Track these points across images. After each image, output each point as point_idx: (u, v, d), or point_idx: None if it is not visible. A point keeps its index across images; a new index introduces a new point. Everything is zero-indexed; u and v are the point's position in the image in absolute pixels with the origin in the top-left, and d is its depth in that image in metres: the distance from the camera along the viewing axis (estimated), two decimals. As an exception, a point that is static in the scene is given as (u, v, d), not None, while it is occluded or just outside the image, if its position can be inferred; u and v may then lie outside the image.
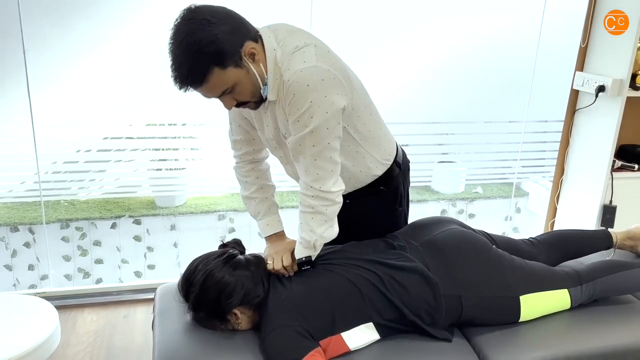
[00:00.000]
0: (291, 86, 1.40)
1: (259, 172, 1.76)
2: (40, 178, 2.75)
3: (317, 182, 1.50)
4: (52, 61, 2.64)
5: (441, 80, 3.31)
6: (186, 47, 1.32)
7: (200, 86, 1.38)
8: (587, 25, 2.86)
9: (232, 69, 1.37)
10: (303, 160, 1.49)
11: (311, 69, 1.40)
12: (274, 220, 1.74)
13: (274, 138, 1.60)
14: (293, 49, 1.43)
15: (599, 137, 2.85)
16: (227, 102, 1.45)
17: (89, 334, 2.51)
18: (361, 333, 1.54)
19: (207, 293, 1.51)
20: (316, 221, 1.55)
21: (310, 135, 1.44)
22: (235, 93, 1.43)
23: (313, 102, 1.40)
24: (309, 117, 1.42)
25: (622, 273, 1.76)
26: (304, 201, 1.54)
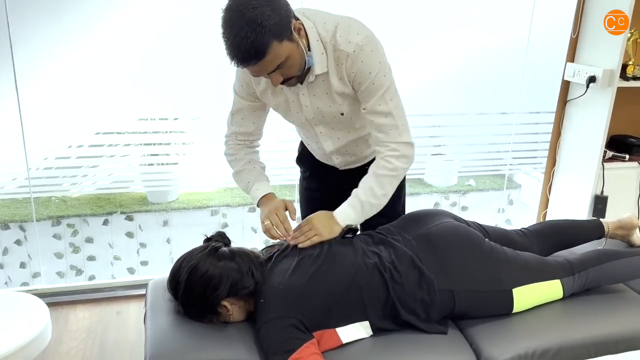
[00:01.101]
0: (358, 55, 1.52)
1: (249, 149, 1.82)
2: (31, 174, 2.73)
3: (404, 133, 1.63)
4: (40, 55, 2.61)
5: (433, 73, 3.31)
6: (248, 21, 1.35)
7: (260, 60, 1.40)
8: (578, 16, 2.86)
9: (286, 43, 1.43)
10: (385, 118, 1.60)
11: (367, 37, 1.53)
12: (264, 185, 1.78)
13: (314, 116, 1.67)
14: (335, 26, 1.53)
15: (590, 127, 2.86)
16: (276, 77, 1.48)
17: (82, 331, 2.50)
18: (355, 330, 1.54)
19: (193, 288, 1.51)
20: (393, 184, 1.66)
21: (388, 90, 1.58)
22: (285, 67, 1.46)
23: (381, 63, 1.55)
24: (382, 76, 1.56)
25: (614, 262, 1.77)
26: (389, 163, 1.63)
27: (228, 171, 1.86)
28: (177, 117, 3.00)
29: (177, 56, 2.77)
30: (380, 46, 1.58)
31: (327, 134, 1.75)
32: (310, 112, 1.67)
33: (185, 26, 2.71)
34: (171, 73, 2.81)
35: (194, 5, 2.68)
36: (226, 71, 2.63)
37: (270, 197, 1.75)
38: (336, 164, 1.86)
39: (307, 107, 1.66)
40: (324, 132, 1.74)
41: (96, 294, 2.79)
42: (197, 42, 2.74)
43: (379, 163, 1.65)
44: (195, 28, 2.71)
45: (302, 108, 1.67)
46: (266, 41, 1.38)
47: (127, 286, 2.86)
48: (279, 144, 2.83)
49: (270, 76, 1.47)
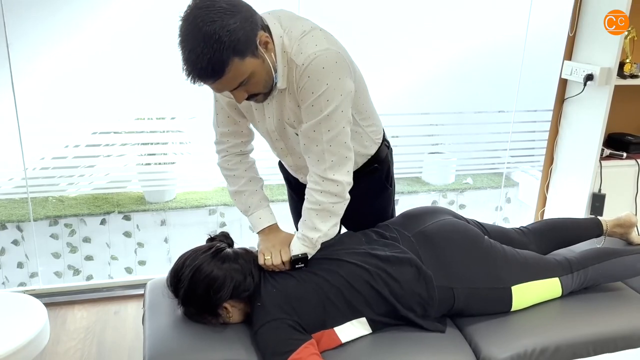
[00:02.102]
0: (306, 69, 1.38)
1: (246, 164, 1.70)
2: (28, 174, 2.72)
3: (330, 170, 1.47)
4: (37, 55, 2.60)
5: (431, 72, 3.31)
6: (204, 37, 1.24)
7: (218, 79, 1.30)
8: (575, 14, 2.86)
9: (249, 59, 1.32)
10: (316, 148, 1.46)
11: (325, 52, 1.38)
12: (266, 212, 1.67)
13: (276, 129, 1.56)
14: (300, 34, 1.40)
15: (587, 125, 2.86)
16: (239, 95, 1.38)
17: (80, 331, 2.49)
18: (354, 327, 1.54)
19: (196, 288, 1.50)
20: (321, 217, 1.52)
21: (326, 119, 1.42)
22: (250, 84, 1.36)
23: (329, 84, 1.39)
24: (324, 100, 1.40)
25: (613, 260, 1.77)
26: (311, 197, 1.51)
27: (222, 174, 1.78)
28: (174, 117, 2.99)
29: (174, 55, 2.76)
30: (341, 67, 1.40)
31: (288, 150, 1.65)
32: (272, 124, 1.55)
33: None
34: (168, 72, 2.80)
35: (191, 4, 2.68)
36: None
37: (273, 229, 1.65)
38: (304, 181, 1.71)
39: (269, 118, 1.55)
40: (285, 148, 1.64)
41: (94, 293, 2.79)
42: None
43: (306, 194, 1.54)
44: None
45: (265, 118, 1.56)
46: (225, 58, 1.27)
47: (124, 286, 2.85)
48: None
49: (233, 93, 1.37)
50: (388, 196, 1.85)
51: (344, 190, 1.52)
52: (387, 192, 1.84)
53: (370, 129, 1.67)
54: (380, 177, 1.78)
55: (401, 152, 3.30)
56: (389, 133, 1.86)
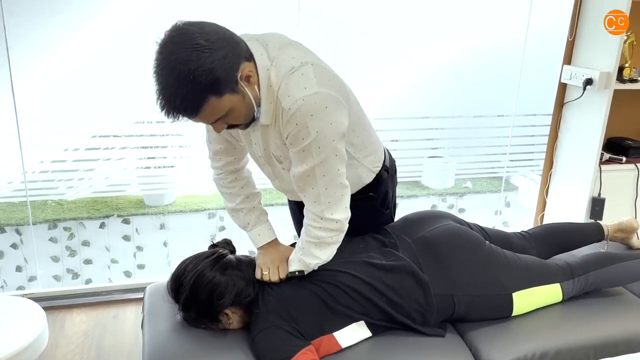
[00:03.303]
0: (293, 116, 1.31)
1: (242, 180, 1.67)
2: (27, 178, 2.72)
3: (327, 210, 1.45)
4: (36, 58, 2.60)
5: (430, 75, 3.31)
6: (179, 76, 1.18)
7: (194, 116, 1.26)
8: (575, 18, 2.87)
9: (227, 96, 1.26)
10: (312, 190, 1.43)
11: (313, 96, 1.30)
12: (265, 228, 1.66)
13: (262, 156, 1.54)
14: (289, 71, 1.32)
15: (587, 130, 2.86)
16: (218, 127, 1.34)
17: (78, 335, 2.48)
18: (353, 332, 1.54)
19: (198, 294, 1.50)
20: (320, 248, 1.51)
21: (320, 165, 1.38)
22: (229, 118, 1.32)
23: (319, 132, 1.32)
24: (316, 147, 1.34)
25: (614, 266, 1.77)
26: (310, 232, 1.49)
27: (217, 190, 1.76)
28: (174, 120, 2.99)
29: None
30: (331, 110, 1.33)
31: (275, 176, 1.62)
32: (260, 149, 1.51)
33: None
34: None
35: (191, 6, 2.68)
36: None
37: (273, 244, 1.64)
38: (292, 199, 1.73)
39: (256, 144, 1.51)
40: (272, 173, 1.61)
41: (93, 297, 2.78)
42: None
43: (304, 228, 1.52)
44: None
45: (252, 144, 1.52)
46: (200, 98, 1.22)
47: (123, 290, 2.84)
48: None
49: (212, 125, 1.33)
50: (385, 218, 1.79)
51: (343, 225, 1.50)
52: (383, 215, 1.77)
53: (367, 160, 1.61)
54: (376, 204, 1.72)
55: (401, 155, 3.30)
56: (388, 137, 1.82)
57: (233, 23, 1.38)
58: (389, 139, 3.24)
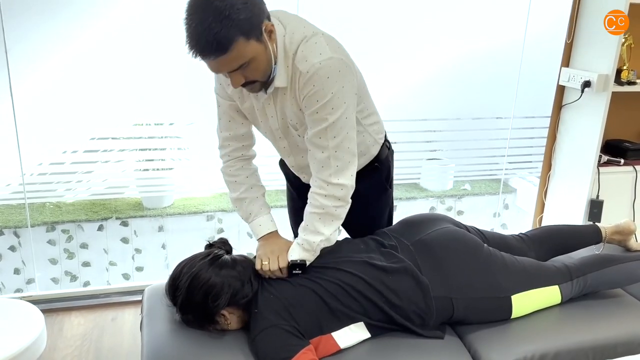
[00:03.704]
0: (311, 78, 1.39)
1: (248, 171, 1.71)
2: (25, 180, 2.71)
3: (334, 175, 1.49)
4: (35, 60, 2.60)
5: (429, 78, 3.32)
6: (215, 11, 1.24)
7: (221, 56, 1.29)
8: (573, 21, 2.88)
9: (253, 42, 1.32)
10: (321, 154, 1.48)
11: (328, 61, 1.39)
12: (267, 220, 1.68)
13: (279, 128, 1.58)
14: (302, 39, 1.41)
15: (585, 132, 2.87)
16: (236, 78, 1.37)
17: (77, 338, 2.47)
18: (351, 332, 1.54)
19: (194, 296, 1.49)
20: (324, 221, 1.53)
21: (332, 126, 1.44)
22: (248, 69, 1.36)
23: (334, 94, 1.41)
24: (330, 108, 1.42)
25: (612, 267, 1.77)
26: (315, 201, 1.52)
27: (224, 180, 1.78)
28: (173, 122, 2.99)
29: (172, 61, 2.76)
30: (344, 74, 1.42)
31: (290, 150, 1.65)
32: (276, 122, 1.56)
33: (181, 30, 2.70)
34: (166, 78, 2.80)
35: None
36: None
37: (273, 236, 1.66)
38: (306, 180, 1.74)
39: (272, 117, 1.55)
40: (287, 147, 1.65)
41: (91, 300, 2.77)
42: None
43: (309, 198, 1.55)
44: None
45: (268, 118, 1.56)
46: (231, 36, 1.27)
47: (122, 292, 2.84)
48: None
49: (231, 75, 1.36)
50: (387, 198, 1.86)
51: (348, 194, 1.53)
52: (387, 193, 1.84)
53: (372, 128, 1.68)
54: (380, 178, 1.79)
55: (399, 158, 3.27)
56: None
57: None
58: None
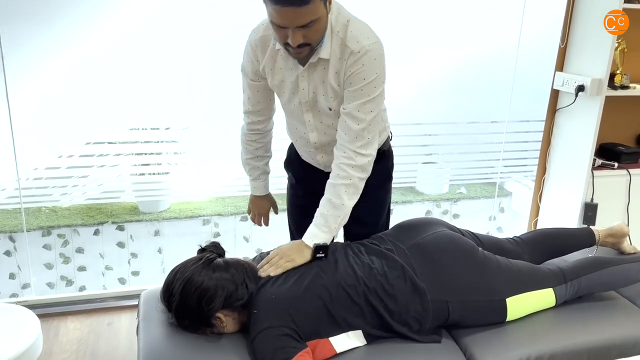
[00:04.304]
0: (361, 58, 1.54)
1: (259, 143, 1.93)
2: (21, 185, 2.71)
3: (364, 147, 1.63)
4: (31, 65, 2.60)
5: (424, 82, 3.33)
6: None
7: (302, 6, 1.40)
8: (566, 25, 2.90)
9: (322, 5, 1.45)
10: (357, 126, 1.60)
11: (376, 44, 1.56)
12: (260, 185, 2.02)
13: (308, 101, 1.68)
14: (347, 21, 1.56)
15: (579, 136, 2.89)
16: (298, 36, 1.47)
17: (72, 342, 2.47)
18: (349, 339, 1.55)
19: (188, 300, 1.50)
20: (348, 193, 1.64)
21: (371, 101, 1.59)
22: (312, 30, 1.47)
23: (378, 74, 1.57)
24: (373, 87, 1.58)
25: (606, 270, 1.78)
26: (342, 171, 1.62)
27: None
28: (169, 127, 2.99)
29: (168, 65, 2.76)
30: (384, 59, 1.60)
31: (315, 125, 1.75)
32: (306, 95, 1.67)
33: (177, 35, 2.71)
34: (162, 82, 2.80)
35: (186, 14, 2.69)
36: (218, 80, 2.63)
37: (260, 198, 2.05)
38: (320, 163, 1.86)
39: (303, 89, 1.66)
40: (312, 121, 1.74)
41: (87, 304, 2.77)
42: (188, 52, 2.74)
43: (334, 172, 1.65)
44: (186, 37, 2.72)
45: (299, 90, 1.67)
46: None
47: (118, 297, 2.83)
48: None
49: (295, 32, 1.46)
50: (389, 188, 1.96)
51: (370, 164, 1.67)
52: (389, 182, 1.95)
53: (384, 114, 1.84)
54: (387, 165, 1.92)
55: (395, 162, 3.31)
56: None
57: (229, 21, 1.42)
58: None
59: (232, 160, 2.84)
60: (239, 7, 2.66)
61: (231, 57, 2.77)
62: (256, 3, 1.60)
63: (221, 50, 2.74)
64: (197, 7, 2.66)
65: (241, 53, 1.76)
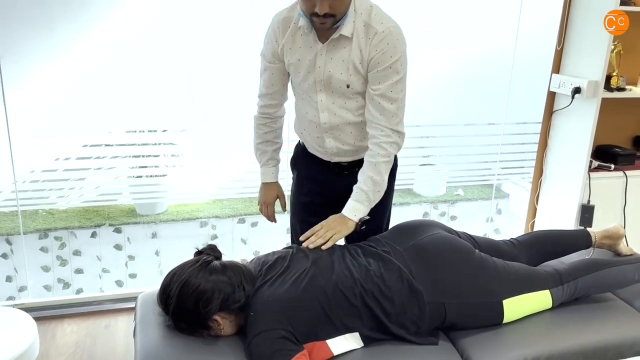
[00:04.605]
0: (386, 37, 1.63)
1: (269, 128, 1.97)
2: (18, 187, 2.70)
3: (400, 124, 1.74)
4: (28, 67, 2.60)
5: (422, 85, 3.34)
6: None
7: None
8: (563, 28, 2.91)
9: None
10: (391, 105, 1.70)
11: (397, 27, 1.67)
12: (269, 172, 2.02)
13: (323, 80, 1.73)
14: (369, 6, 1.66)
15: (576, 138, 2.89)
16: (325, 5, 1.54)
17: (69, 345, 2.46)
18: (346, 341, 1.55)
19: (185, 303, 1.50)
20: (386, 169, 1.76)
21: (401, 81, 1.69)
22: (338, 0, 1.55)
23: (402, 53, 1.67)
24: (400, 64, 1.67)
25: (602, 272, 1.79)
26: (382, 150, 1.72)
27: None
28: (166, 129, 2.99)
29: (165, 68, 2.77)
30: (405, 41, 1.69)
31: (326, 105, 1.78)
32: (322, 74, 1.72)
33: (174, 38, 2.71)
34: (160, 84, 2.81)
35: (183, 17, 2.69)
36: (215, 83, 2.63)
37: (268, 186, 2.04)
38: (328, 150, 1.87)
39: (320, 67, 1.71)
40: (324, 101, 1.78)
41: (84, 307, 2.76)
42: (185, 54, 2.74)
43: (374, 151, 1.74)
44: (183, 40, 2.72)
45: (315, 69, 1.72)
46: None
47: (115, 299, 2.83)
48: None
49: (322, 1, 1.53)
50: (392, 188, 1.99)
51: (403, 142, 1.79)
52: (393, 182, 1.97)
53: None
54: (395, 162, 1.93)
55: (392, 164, 3.32)
56: None
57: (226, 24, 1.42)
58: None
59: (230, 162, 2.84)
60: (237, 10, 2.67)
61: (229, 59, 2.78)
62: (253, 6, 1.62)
63: (219, 52, 2.74)
64: (195, 9, 2.66)
65: (238, 56, 1.79)
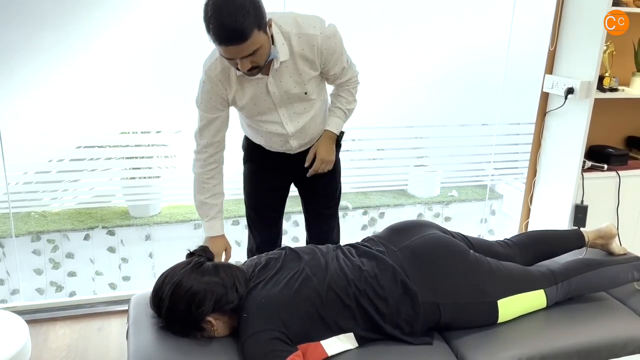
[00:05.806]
0: (323, 43, 1.80)
1: (217, 180, 1.99)
2: (10, 189, 2.69)
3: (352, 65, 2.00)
4: (20, 68, 2.59)
5: (415, 85, 3.34)
6: (239, 6, 1.53)
7: (241, 42, 1.56)
8: (555, 29, 2.92)
9: (262, 34, 1.61)
10: (347, 70, 1.97)
11: (322, 19, 1.83)
12: (217, 225, 2.00)
13: (280, 99, 1.87)
14: (292, 18, 1.78)
15: (569, 138, 2.91)
16: (245, 64, 1.64)
17: (62, 348, 2.45)
18: (340, 342, 1.54)
19: (178, 304, 1.49)
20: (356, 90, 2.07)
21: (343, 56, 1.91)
22: (257, 55, 1.64)
23: (337, 43, 1.85)
24: (340, 51, 1.88)
25: (596, 271, 1.80)
26: (350, 96, 2.04)
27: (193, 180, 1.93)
28: (160, 130, 2.98)
29: (159, 69, 2.76)
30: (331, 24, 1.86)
31: (289, 116, 1.93)
32: (278, 96, 1.86)
33: (167, 39, 2.71)
34: (153, 86, 2.79)
35: (176, 18, 2.68)
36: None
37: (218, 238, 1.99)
38: (293, 147, 2.03)
39: (274, 93, 1.85)
40: (286, 114, 1.92)
41: (77, 310, 2.74)
42: (179, 55, 2.73)
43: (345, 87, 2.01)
44: (177, 41, 2.71)
45: (270, 95, 1.85)
46: (252, 26, 1.55)
47: (108, 302, 2.81)
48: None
49: (242, 62, 1.63)
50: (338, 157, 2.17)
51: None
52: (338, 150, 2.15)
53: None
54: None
55: (387, 164, 3.32)
56: (374, 146, 1.98)
57: None
58: (375, 148, 3.25)
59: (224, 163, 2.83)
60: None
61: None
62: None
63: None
64: (189, 10, 2.66)
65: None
